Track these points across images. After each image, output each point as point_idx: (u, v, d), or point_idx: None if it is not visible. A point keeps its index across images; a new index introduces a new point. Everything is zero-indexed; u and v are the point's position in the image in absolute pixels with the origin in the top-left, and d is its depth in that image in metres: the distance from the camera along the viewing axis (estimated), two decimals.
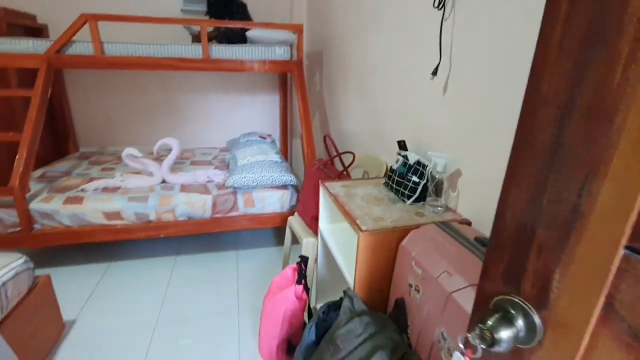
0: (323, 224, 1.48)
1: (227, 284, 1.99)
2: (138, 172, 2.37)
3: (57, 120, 3.02)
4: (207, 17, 2.76)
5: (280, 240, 2.48)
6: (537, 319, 0.40)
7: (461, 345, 0.41)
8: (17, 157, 1.88)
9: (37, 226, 1.95)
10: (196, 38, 2.58)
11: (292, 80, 3.00)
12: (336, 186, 1.38)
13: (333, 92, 2.63)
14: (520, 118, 0.39)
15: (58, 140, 3.06)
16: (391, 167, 1.36)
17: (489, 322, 0.40)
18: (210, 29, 2.64)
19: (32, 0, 2.77)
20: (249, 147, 2.69)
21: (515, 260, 0.42)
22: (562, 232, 0.36)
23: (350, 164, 1.67)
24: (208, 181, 2.30)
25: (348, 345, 0.90)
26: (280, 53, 2.45)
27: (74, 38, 2.13)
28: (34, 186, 2.12)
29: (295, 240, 1.89)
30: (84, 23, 2.09)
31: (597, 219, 0.33)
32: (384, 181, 1.41)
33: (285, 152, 3.51)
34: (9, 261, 1.34)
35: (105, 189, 2.12)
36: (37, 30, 2.76)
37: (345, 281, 1.19)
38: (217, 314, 1.74)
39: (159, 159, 2.73)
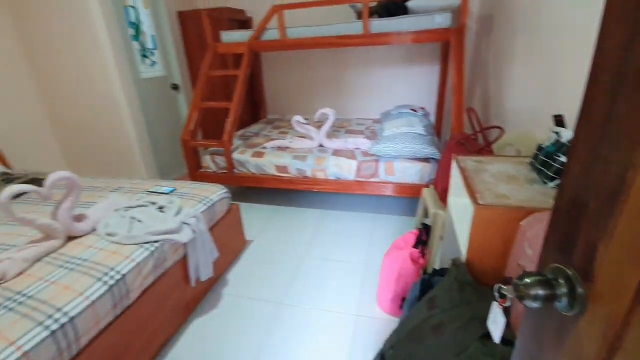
0: (451, 197, 1.48)
1: (360, 240, 2.25)
2: (303, 136, 2.86)
3: (255, 93, 3.90)
4: None
5: (414, 211, 2.54)
6: (580, 289, 0.40)
7: (496, 294, 0.45)
8: (227, 119, 2.62)
9: (235, 171, 2.69)
10: (360, 15, 2.77)
11: None
12: (468, 160, 1.34)
13: (499, 61, 2.36)
14: (585, 88, 0.38)
15: (254, 108, 3.97)
16: (539, 145, 1.22)
17: (527, 280, 0.43)
18: (374, 3, 2.77)
19: None
20: (398, 118, 2.77)
21: (570, 230, 0.42)
22: (608, 204, 0.36)
23: (495, 140, 1.55)
24: (356, 148, 2.56)
25: (443, 305, 0.96)
26: (440, 21, 2.35)
27: (267, 26, 2.69)
28: (236, 142, 2.89)
29: (428, 214, 1.93)
30: (274, 13, 2.60)
31: (638, 192, 0.32)
32: (529, 160, 1.27)
33: (438, 126, 3.40)
34: (217, 190, 1.97)
35: (279, 148, 2.68)
36: (245, 23, 3.58)
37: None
38: (347, 262, 2.03)
39: (320, 125, 3.18)
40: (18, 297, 1.11)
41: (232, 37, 2.87)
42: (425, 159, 2.28)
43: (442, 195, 1.68)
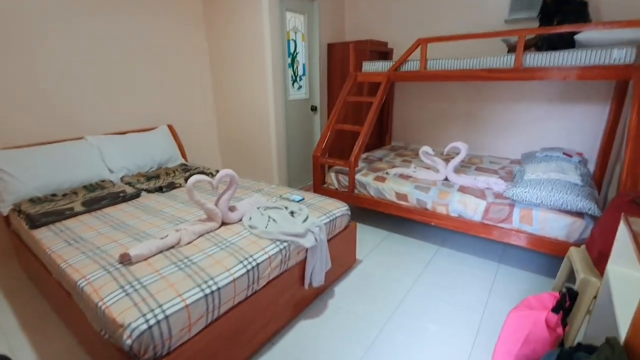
0: (612, 264, 1.22)
1: (478, 290, 2.04)
2: (428, 167, 2.80)
3: (382, 119, 4.03)
4: (537, 19, 2.70)
5: (552, 271, 2.16)
6: None
7: None
8: (356, 143, 2.78)
9: (356, 191, 2.82)
10: (512, 48, 2.59)
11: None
12: None
13: None
14: None
15: (380, 134, 4.09)
16: None
17: None
18: (531, 35, 2.56)
19: (385, 32, 3.81)
20: (545, 162, 2.45)
21: None
22: None
23: None
24: (487, 188, 2.36)
25: None
26: (620, 56, 2.02)
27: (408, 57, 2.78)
28: (360, 164, 3.03)
29: (571, 278, 1.63)
30: (418, 46, 2.67)
31: None
32: None
33: (599, 177, 2.84)
34: (340, 206, 2.11)
35: (401, 175, 2.69)
36: (386, 54, 3.77)
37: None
38: (460, 310, 1.86)
39: (447, 159, 3.06)
40: (186, 261, 1.42)
41: (373, 67, 3.06)
42: (578, 214, 1.94)
43: (598, 260, 1.40)
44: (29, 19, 2.35)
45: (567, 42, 2.33)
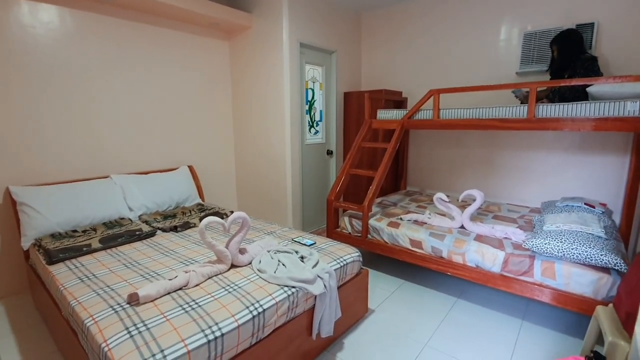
0: None
1: (500, 348, 1.89)
2: (443, 214, 2.76)
3: (398, 164, 4.06)
4: (548, 73, 2.78)
5: (580, 331, 2.00)
6: None
7: None
8: (370, 187, 2.80)
9: (369, 236, 2.78)
10: (524, 100, 2.64)
11: None
12: None
13: None
14: None
15: (395, 178, 4.10)
16: None
17: None
18: (542, 87, 2.61)
19: (399, 82, 3.97)
20: (565, 212, 2.37)
21: None
22: None
23: None
24: (505, 237, 2.28)
25: None
26: (633, 108, 2.02)
27: (421, 107, 2.87)
28: (374, 209, 3.02)
29: (601, 340, 1.51)
30: (431, 96, 2.76)
31: None
32: None
33: (625, 230, 2.70)
34: (351, 252, 2.07)
35: (416, 222, 2.65)
36: (400, 103, 3.90)
37: None
38: None
39: (463, 206, 3.01)
40: (192, 304, 1.41)
41: (387, 115, 3.16)
42: (604, 269, 1.83)
43: (626, 321, 1.30)
44: (67, 66, 2.61)
45: (579, 95, 2.36)
